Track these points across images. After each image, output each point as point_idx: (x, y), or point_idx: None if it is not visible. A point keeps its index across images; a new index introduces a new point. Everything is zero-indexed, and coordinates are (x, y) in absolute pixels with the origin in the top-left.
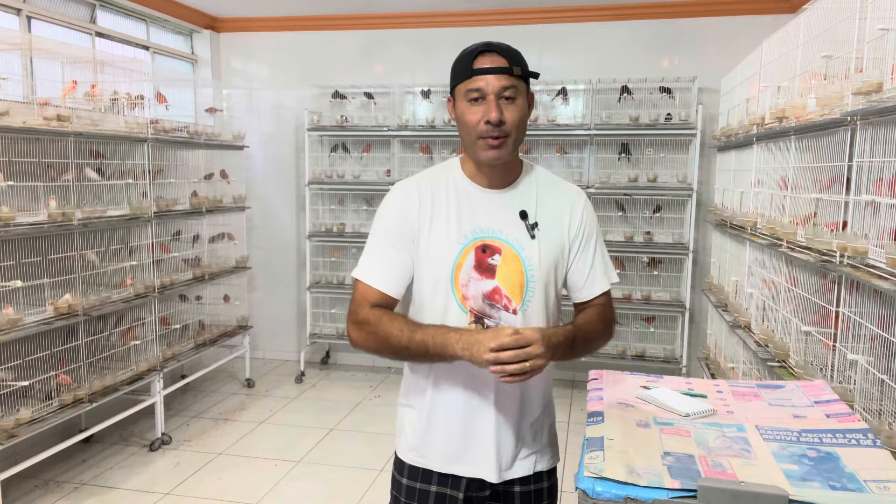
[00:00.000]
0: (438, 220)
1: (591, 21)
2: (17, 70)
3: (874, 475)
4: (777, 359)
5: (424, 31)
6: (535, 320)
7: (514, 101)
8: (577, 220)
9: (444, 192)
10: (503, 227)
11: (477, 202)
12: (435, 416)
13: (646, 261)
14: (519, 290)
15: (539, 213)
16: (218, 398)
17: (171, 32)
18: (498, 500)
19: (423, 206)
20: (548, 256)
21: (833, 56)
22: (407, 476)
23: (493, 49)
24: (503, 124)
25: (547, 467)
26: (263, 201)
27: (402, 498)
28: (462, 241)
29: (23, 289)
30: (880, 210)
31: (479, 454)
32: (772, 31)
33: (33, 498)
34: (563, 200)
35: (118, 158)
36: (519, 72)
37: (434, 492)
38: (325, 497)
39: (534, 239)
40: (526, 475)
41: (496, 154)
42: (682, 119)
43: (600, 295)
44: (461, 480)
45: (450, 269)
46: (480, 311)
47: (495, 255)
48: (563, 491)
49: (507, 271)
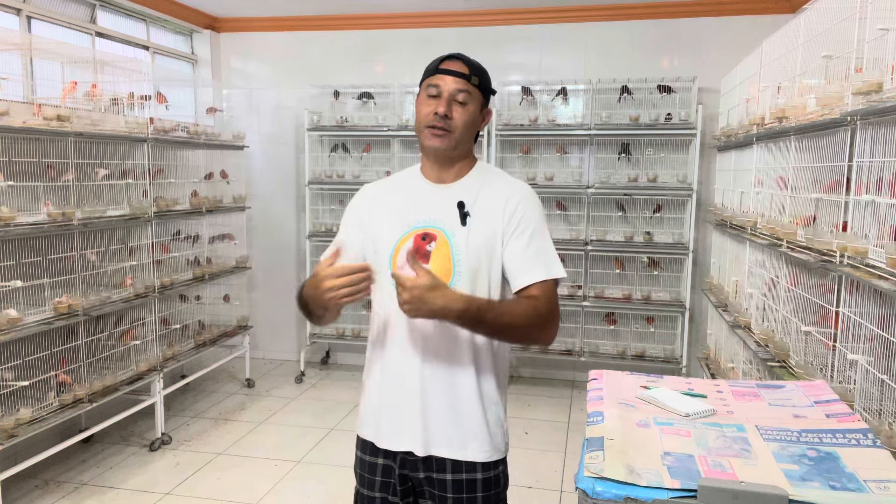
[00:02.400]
0: (384, 210)
1: (591, 21)
2: (17, 70)
3: (874, 475)
4: (777, 359)
5: (424, 31)
6: None
7: (465, 106)
8: (511, 209)
9: (396, 187)
10: (441, 217)
11: (425, 195)
12: (377, 392)
13: (646, 261)
14: (446, 275)
15: (477, 204)
16: (218, 398)
17: (171, 32)
18: (432, 486)
19: (374, 199)
20: (476, 243)
21: (833, 56)
22: (360, 449)
23: (460, 57)
24: (448, 119)
25: (483, 459)
26: (263, 201)
27: (358, 470)
28: (405, 228)
29: (23, 289)
30: (880, 210)
31: (407, 427)
32: (772, 31)
33: (33, 498)
34: (502, 193)
35: (118, 158)
36: (476, 81)
37: (380, 464)
38: (325, 497)
39: (464, 226)
40: (455, 459)
41: (437, 143)
42: (682, 119)
43: (532, 285)
44: (397, 456)
45: (389, 253)
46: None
47: (432, 242)
48: (563, 491)
49: (437, 256)
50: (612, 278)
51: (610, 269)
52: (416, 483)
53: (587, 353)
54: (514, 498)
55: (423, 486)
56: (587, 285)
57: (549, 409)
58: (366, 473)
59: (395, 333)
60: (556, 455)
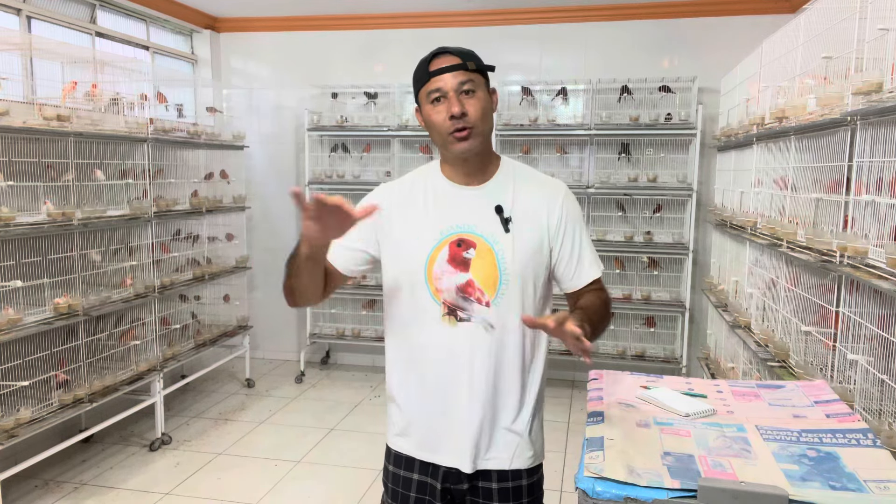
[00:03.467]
0: (413, 217)
1: (591, 21)
2: (17, 70)
3: (874, 475)
4: (777, 359)
5: (424, 31)
6: (511, 312)
7: (475, 94)
8: (557, 212)
9: (421, 190)
10: (478, 223)
11: (454, 199)
12: (415, 407)
13: (646, 261)
14: (492, 284)
15: (515, 207)
16: (218, 398)
17: (171, 32)
18: (476, 496)
19: (398, 204)
20: (523, 250)
21: (833, 56)
22: (393, 463)
23: (447, 51)
24: (466, 116)
25: (527, 465)
26: (263, 201)
27: (390, 484)
28: (437, 236)
29: (23, 289)
30: (880, 210)
31: (453, 444)
32: (772, 31)
33: (33, 498)
34: (541, 194)
35: (118, 158)
36: (473, 66)
37: (416, 480)
38: (325, 497)
39: (508, 233)
40: (502, 469)
41: (466, 145)
42: (682, 119)
43: (593, 282)
44: (439, 470)
45: (423, 263)
46: (453, 304)
47: (470, 249)
48: (563, 491)
49: (480, 265)
50: (612, 278)
51: (610, 269)
52: (458, 495)
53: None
54: None
55: (465, 496)
56: None
57: (549, 409)
58: (399, 488)
59: (434, 350)
60: (556, 455)
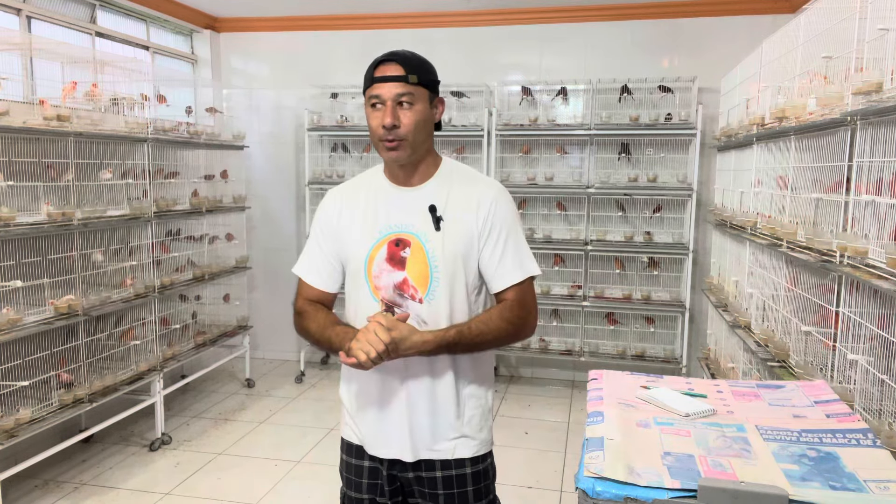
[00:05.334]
0: (354, 218)
1: (591, 21)
2: (17, 70)
3: (874, 475)
4: (777, 359)
5: (424, 31)
6: (441, 309)
7: (412, 107)
8: (485, 211)
9: (363, 192)
10: (414, 222)
11: (392, 199)
12: (357, 400)
13: (646, 261)
14: (424, 281)
15: (449, 206)
16: (218, 398)
17: (171, 32)
18: (422, 484)
19: (343, 207)
20: (452, 247)
21: (833, 56)
22: (345, 453)
23: (394, 58)
24: (397, 128)
25: (470, 454)
26: (263, 201)
27: (344, 472)
28: (376, 235)
29: (23, 289)
30: (880, 210)
31: (393, 436)
32: (772, 31)
33: (33, 498)
34: (473, 193)
35: (118, 158)
36: (415, 80)
37: (367, 466)
38: (325, 497)
39: (439, 231)
40: (445, 459)
41: (395, 155)
42: (682, 119)
43: (509, 288)
44: (384, 459)
45: (363, 262)
46: (391, 301)
47: (406, 248)
48: (563, 491)
49: (414, 263)
50: (612, 278)
51: (610, 269)
52: (405, 483)
53: (587, 353)
54: (514, 498)
55: (412, 485)
56: (587, 285)
57: (549, 409)
58: (352, 476)
59: None
60: (556, 455)
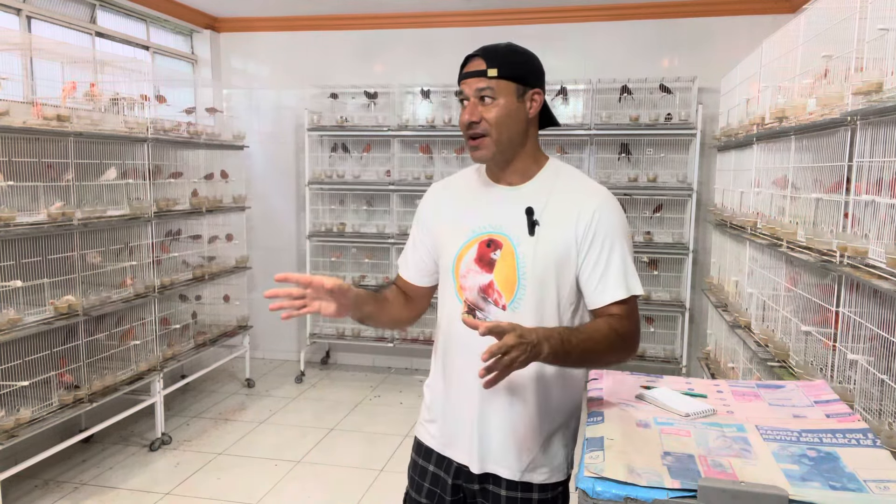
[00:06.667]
0: (450, 214)
1: (591, 21)
2: (17, 70)
3: (874, 475)
4: (777, 359)
5: (424, 31)
6: (525, 320)
7: (494, 101)
8: (587, 219)
9: (462, 188)
10: (508, 224)
11: (489, 198)
12: (437, 396)
13: (646, 261)
14: (511, 287)
15: (547, 210)
16: (218, 398)
17: (171, 32)
18: (486, 498)
19: (440, 202)
20: (544, 255)
21: (833, 56)
22: (415, 451)
23: (479, 54)
24: (475, 125)
25: (540, 480)
26: (263, 201)
27: (410, 472)
28: (469, 234)
29: (23, 289)
30: (880, 210)
31: (464, 441)
32: (772, 31)
33: (33, 498)
34: (575, 199)
35: (118, 158)
36: (495, 73)
37: (431, 471)
38: (325, 497)
39: (532, 235)
40: (511, 479)
41: (479, 154)
42: (682, 119)
43: (613, 304)
44: (452, 464)
45: (451, 260)
46: (474, 303)
47: (497, 250)
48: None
49: (502, 266)
50: None
51: None
52: (469, 494)
53: None
54: None
55: (476, 497)
56: None
57: None
58: (416, 476)
59: (457, 345)
60: None
